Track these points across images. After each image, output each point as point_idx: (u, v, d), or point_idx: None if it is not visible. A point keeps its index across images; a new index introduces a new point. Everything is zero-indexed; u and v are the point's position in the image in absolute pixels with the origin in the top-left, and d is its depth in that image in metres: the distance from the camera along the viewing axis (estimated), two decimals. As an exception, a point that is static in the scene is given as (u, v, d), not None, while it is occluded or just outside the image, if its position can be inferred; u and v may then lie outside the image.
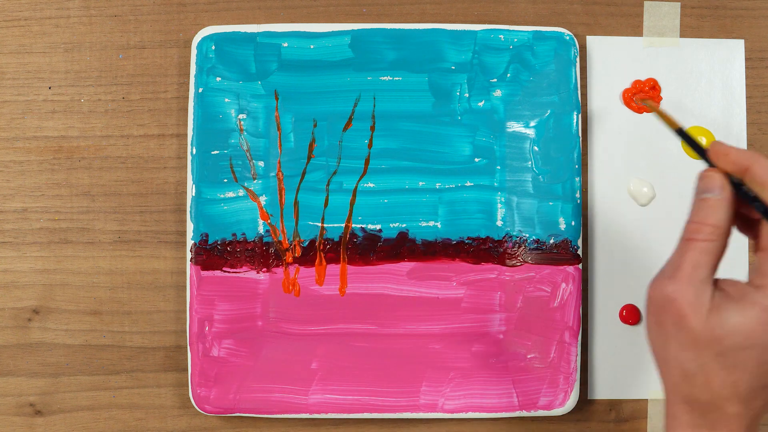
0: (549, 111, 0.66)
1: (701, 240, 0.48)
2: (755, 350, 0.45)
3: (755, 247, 0.48)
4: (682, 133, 0.53)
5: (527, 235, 0.66)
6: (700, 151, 0.51)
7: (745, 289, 0.47)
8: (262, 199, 0.66)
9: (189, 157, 0.64)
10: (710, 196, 0.49)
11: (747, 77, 0.68)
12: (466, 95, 0.67)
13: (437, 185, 0.67)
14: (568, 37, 0.65)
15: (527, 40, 0.65)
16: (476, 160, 0.67)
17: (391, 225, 0.66)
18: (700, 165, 0.67)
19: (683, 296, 0.46)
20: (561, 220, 0.65)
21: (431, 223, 0.66)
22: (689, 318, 0.46)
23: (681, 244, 0.48)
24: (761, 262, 0.47)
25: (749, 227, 0.50)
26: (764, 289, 0.46)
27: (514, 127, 0.67)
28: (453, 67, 0.66)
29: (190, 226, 0.64)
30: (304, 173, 0.66)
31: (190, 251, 0.64)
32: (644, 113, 0.68)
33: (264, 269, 0.66)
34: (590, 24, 0.68)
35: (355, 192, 0.66)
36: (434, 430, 0.66)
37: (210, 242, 0.65)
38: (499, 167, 0.67)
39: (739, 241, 0.67)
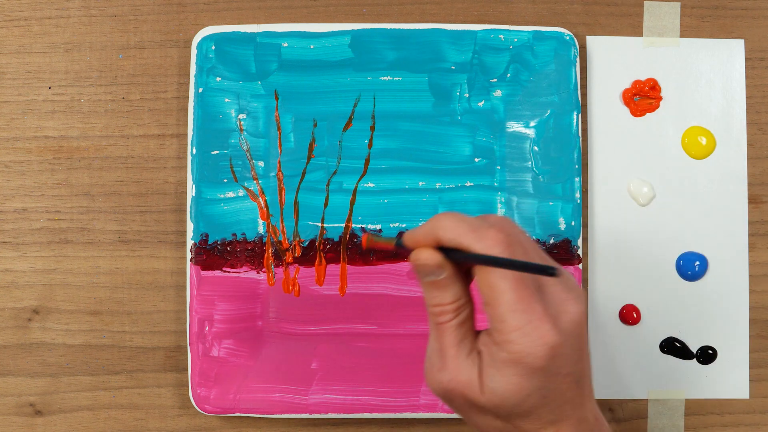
0: (549, 111, 0.66)
1: (449, 320, 0.49)
2: (532, 396, 0.48)
3: (483, 303, 0.49)
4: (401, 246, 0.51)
5: (527, 235, 0.66)
6: (399, 245, 0.51)
7: (492, 349, 0.48)
8: (262, 199, 0.66)
9: (189, 157, 0.64)
10: (434, 278, 0.49)
11: (747, 77, 0.68)
12: (466, 95, 0.67)
13: (437, 185, 0.67)
14: (568, 37, 0.65)
15: (527, 40, 0.65)
16: (476, 160, 0.67)
17: (391, 225, 0.66)
18: (700, 165, 0.68)
19: (458, 381, 0.49)
20: (561, 220, 0.65)
21: (431, 223, 0.66)
22: (471, 397, 0.49)
23: (434, 331, 0.50)
24: (490, 317, 0.48)
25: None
26: (503, 345, 0.48)
27: (514, 127, 0.67)
28: (453, 67, 0.66)
29: (190, 226, 0.64)
30: (304, 173, 0.66)
31: (190, 251, 0.64)
32: (644, 113, 0.68)
33: (264, 269, 0.66)
34: (590, 24, 0.68)
35: (355, 192, 0.66)
36: (434, 430, 0.66)
37: (210, 242, 0.65)
38: (499, 167, 0.67)
39: (738, 242, 0.67)
